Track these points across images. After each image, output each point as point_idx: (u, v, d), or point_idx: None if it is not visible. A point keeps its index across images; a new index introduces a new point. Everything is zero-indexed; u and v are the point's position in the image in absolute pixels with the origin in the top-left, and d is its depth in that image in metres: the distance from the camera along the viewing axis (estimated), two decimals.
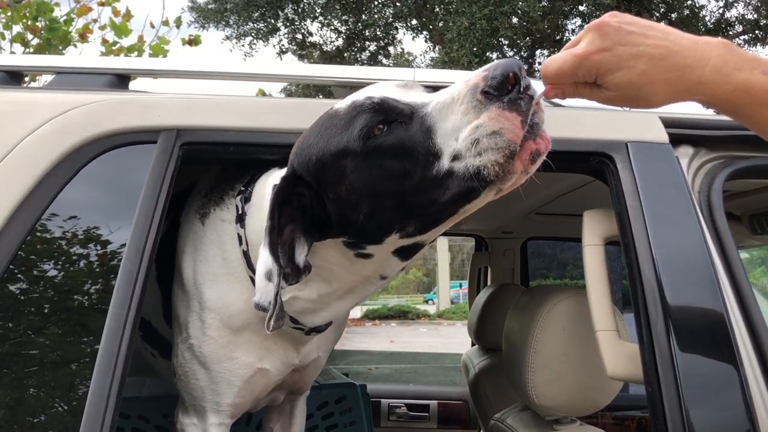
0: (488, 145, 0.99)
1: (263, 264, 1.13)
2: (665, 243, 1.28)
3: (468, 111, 1.01)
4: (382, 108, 1.10)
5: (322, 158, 1.14)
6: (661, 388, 1.17)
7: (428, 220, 1.13)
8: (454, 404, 3.30)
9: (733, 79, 0.93)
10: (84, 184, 1.31)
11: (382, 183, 1.10)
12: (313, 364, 1.61)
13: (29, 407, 1.19)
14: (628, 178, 1.34)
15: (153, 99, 1.41)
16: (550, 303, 1.57)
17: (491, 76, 0.99)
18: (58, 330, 1.24)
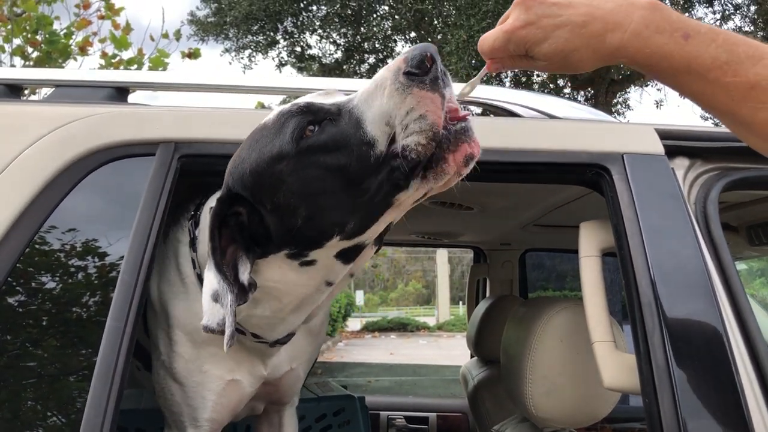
0: (414, 129, 1.02)
1: (209, 286, 1.14)
2: (661, 254, 1.29)
3: (392, 94, 1.03)
4: (310, 110, 1.12)
5: (257, 169, 1.14)
6: (658, 399, 1.17)
7: (365, 216, 1.13)
8: (453, 417, 3.29)
9: (652, 42, 0.94)
10: (82, 197, 1.32)
11: (319, 181, 1.10)
12: (287, 376, 1.62)
13: (27, 420, 1.19)
14: (624, 189, 1.35)
15: (151, 112, 1.42)
16: (547, 314, 1.57)
17: (410, 57, 1.02)
18: (56, 342, 1.24)
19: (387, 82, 1.04)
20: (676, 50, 0.93)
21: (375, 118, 1.06)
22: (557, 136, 1.42)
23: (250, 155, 1.16)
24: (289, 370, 1.62)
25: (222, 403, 1.47)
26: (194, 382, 1.44)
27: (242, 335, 1.40)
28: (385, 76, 1.05)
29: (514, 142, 1.40)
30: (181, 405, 1.46)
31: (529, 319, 1.62)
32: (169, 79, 1.66)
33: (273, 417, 1.79)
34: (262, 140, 1.15)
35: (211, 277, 1.14)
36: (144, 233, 1.25)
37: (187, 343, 1.43)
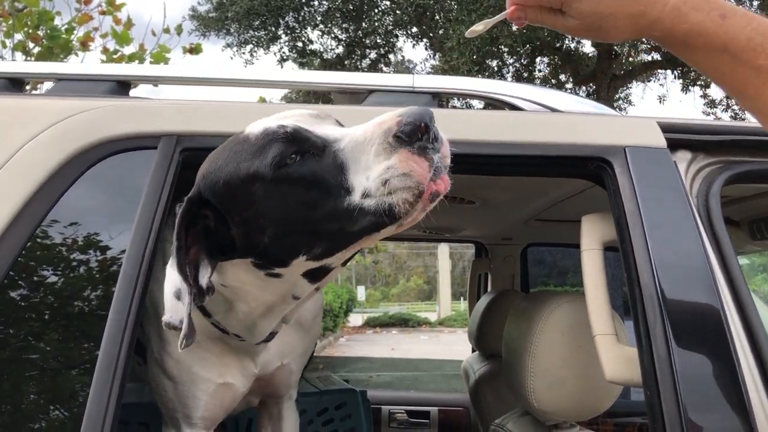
0: (398, 185, 1.03)
1: (171, 284, 1.13)
2: (663, 247, 1.29)
3: (379, 152, 1.05)
4: (295, 138, 1.11)
5: (230, 182, 1.14)
6: (660, 391, 1.17)
7: (334, 246, 1.15)
8: (455, 411, 3.29)
9: (690, 18, 0.93)
10: (84, 190, 1.32)
11: (291, 210, 1.11)
12: (279, 372, 1.63)
13: (29, 413, 1.19)
14: (626, 182, 1.35)
15: (153, 105, 1.41)
16: (548, 308, 1.57)
17: (404, 122, 1.03)
18: (58, 336, 1.25)
19: (376, 140, 1.05)
20: (713, 28, 0.92)
21: (357, 169, 1.07)
22: (559, 130, 1.42)
23: (227, 166, 1.15)
24: (280, 366, 1.62)
25: (214, 403, 1.48)
26: (185, 380, 1.45)
27: (227, 335, 1.41)
28: (375, 132, 1.06)
29: (516, 135, 1.40)
30: (175, 402, 1.47)
31: (531, 312, 1.62)
32: (171, 72, 1.66)
33: (272, 410, 1.80)
34: (241, 154, 1.14)
35: (174, 276, 1.13)
36: (146, 226, 1.26)
37: (176, 343, 1.42)
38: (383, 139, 1.04)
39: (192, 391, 1.45)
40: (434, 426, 3.27)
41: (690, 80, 13.05)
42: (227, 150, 1.18)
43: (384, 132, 1.04)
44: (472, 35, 1.16)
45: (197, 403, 1.46)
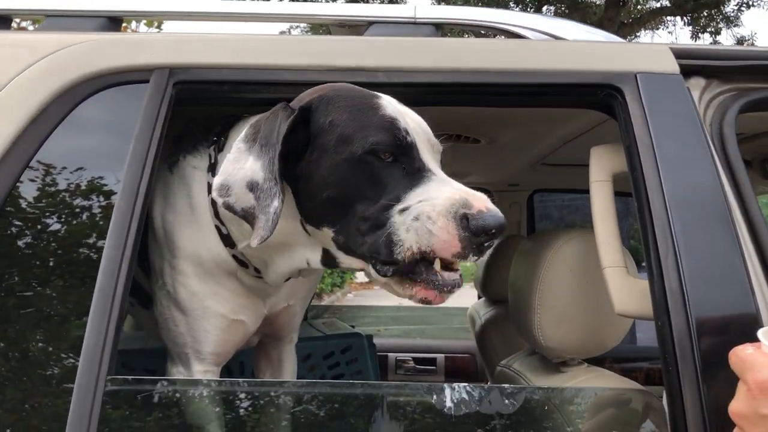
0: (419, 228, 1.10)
1: (247, 171, 1.17)
2: (676, 177, 1.24)
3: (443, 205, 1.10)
4: (405, 149, 1.17)
5: (335, 127, 1.18)
6: (671, 322, 1.13)
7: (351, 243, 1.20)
8: (461, 358, 3.30)
9: None
10: (75, 126, 1.28)
11: (353, 189, 1.17)
12: (285, 312, 1.63)
13: (25, 353, 1.17)
14: (637, 110, 1.29)
15: (144, 37, 1.37)
16: (556, 244, 1.54)
17: (483, 217, 1.09)
18: (52, 274, 1.22)
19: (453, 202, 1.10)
20: None
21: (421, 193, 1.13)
22: (567, 57, 1.36)
23: (343, 114, 1.19)
24: (286, 306, 1.63)
25: (226, 339, 1.47)
26: (197, 314, 1.44)
27: (245, 270, 1.41)
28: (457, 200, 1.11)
29: (522, 62, 1.34)
30: (185, 336, 1.45)
31: (538, 250, 1.59)
32: (164, 6, 1.60)
33: (272, 353, 1.79)
34: (360, 116, 1.18)
35: (256, 168, 1.17)
36: (139, 162, 1.22)
37: (192, 275, 1.42)
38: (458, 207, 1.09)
39: (204, 325, 1.44)
40: (441, 372, 3.28)
41: (700, 27, 12.77)
42: (354, 99, 1.21)
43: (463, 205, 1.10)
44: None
45: (209, 338, 1.45)
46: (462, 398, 1.12)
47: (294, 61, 1.33)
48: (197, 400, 1.20)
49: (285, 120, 1.18)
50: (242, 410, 1.20)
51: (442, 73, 1.34)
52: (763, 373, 0.68)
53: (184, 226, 1.42)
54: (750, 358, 0.70)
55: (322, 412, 1.15)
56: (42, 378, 1.14)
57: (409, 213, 1.12)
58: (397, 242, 1.11)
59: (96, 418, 1.05)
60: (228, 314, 1.45)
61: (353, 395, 1.18)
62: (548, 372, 1.61)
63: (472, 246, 1.10)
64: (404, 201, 1.14)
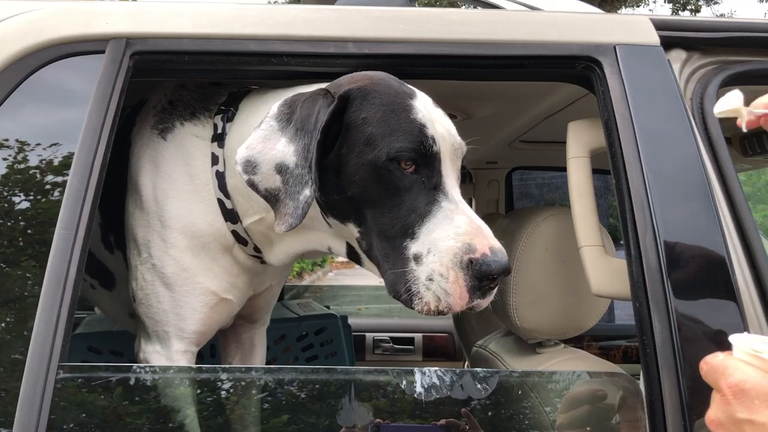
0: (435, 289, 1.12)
1: (280, 154, 1.14)
2: (655, 152, 1.20)
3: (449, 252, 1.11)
4: (429, 159, 1.16)
5: (366, 126, 1.16)
6: (649, 302, 1.10)
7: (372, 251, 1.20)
8: (439, 337, 3.28)
9: None
10: (26, 98, 1.21)
11: (373, 193, 1.16)
12: (266, 293, 1.61)
13: None
14: (616, 83, 1.25)
15: (100, 6, 1.29)
16: (532, 223, 1.50)
17: (486, 262, 1.10)
18: (4, 255, 1.15)
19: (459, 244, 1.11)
20: None
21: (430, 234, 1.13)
22: (543, 28, 1.30)
23: (377, 112, 1.16)
24: (269, 287, 1.60)
25: (212, 317, 1.42)
26: (185, 290, 1.38)
27: (242, 247, 1.38)
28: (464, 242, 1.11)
29: (497, 34, 1.29)
30: (168, 313, 1.39)
31: (514, 229, 1.55)
32: None
33: (243, 337, 1.74)
34: (392, 118, 1.16)
35: (288, 151, 1.14)
36: (94, 136, 1.15)
37: (184, 248, 1.36)
38: (463, 251, 1.10)
39: (191, 302, 1.38)
40: (419, 352, 3.26)
41: (680, 4, 12.77)
42: (391, 97, 1.18)
43: (469, 249, 1.11)
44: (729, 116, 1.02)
45: (195, 316, 1.39)
46: (432, 383, 1.08)
47: (259, 30, 1.27)
48: (161, 386, 1.15)
49: (325, 108, 1.15)
50: (210, 397, 1.15)
51: (414, 44, 1.28)
52: (735, 376, 0.65)
53: (181, 196, 1.36)
54: (721, 364, 0.68)
55: (285, 399, 1.11)
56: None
57: (423, 267, 1.13)
58: (416, 294, 1.14)
59: (47, 406, 1.00)
60: (218, 291, 1.40)
61: (320, 380, 1.14)
62: (524, 353, 1.58)
63: (476, 292, 1.12)
64: (416, 240, 1.14)
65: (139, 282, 1.40)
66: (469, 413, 1.08)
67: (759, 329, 1.10)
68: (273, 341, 2.11)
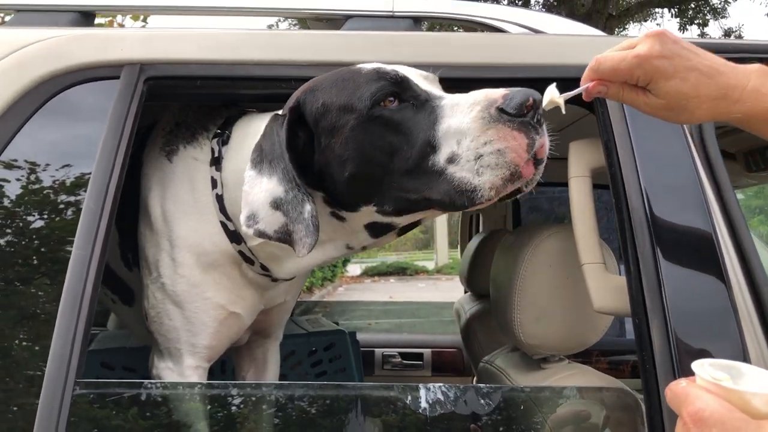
0: (490, 162, 1.02)
1: (266, 192, 1.13)
2: (654, 171, 1.23)
3: (476, 119, 1.04)
4: (402, 84, 1.13)
5: (329, 105, 1.15)
6: (649, 319, 1.12)
7: (404, 206, 1.16)
8: (448, 352, 3.30)
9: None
10: (45, 123, 1.26)
11: (374, 151, 1.12)
12: (279, 308, 1.62)
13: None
14: (615, 104, 1.28)
15: (115, 32, 1.34)
16: (536, 240, 1.52)
17: (511, 96, 1.03)
18: (19, 273, 1.19)
19: (478, 106, 1.04)
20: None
21: (450, 129, 1.07)
22: (545, 51, 1.34)
23: (330, 89, 1.16)
24: (282, 303, 1.61)
25: (222, 331, 1.44)
26: (196, 307, 1.41)
27: (250, 264, 1.40)
28: (478, 98, 1.06)
29: (501, 57, 1.33)
30: (180, 330, 1.42)
31: (518, 246, 1.57)
32: (136, 2, 1.57)
33: (256, 352, 1.76)
34: (347, 82, 1.15)
35: (271, 185, 1.13)
36: (109, 159, 1.19)
37: (193, 266, 1.39)
38: (485, 107, 1.03)
39: (202, 317, 1.41)
40: (428, 367, 3.27)
41: (687, 18, 12.79)
42: (337, 75, 1.19)
43: (488, 102, 1.04)
44: (550, 107, 1.09)
45: (206, 331, 1.42)
46: (437, 398, 1.10)
47: (264, 56, 1.31)
48: (173, 402, 1.18)
49: (280, 127, 1.16)
50: (221, 413, 1.18)
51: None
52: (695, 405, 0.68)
53: (187, 217, 1.39)
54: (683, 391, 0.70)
55: (294, 414, 1.14)
56: (13, 379, 1.12)
57: (463, 157, 1.04)
58: (475, 189, 1.04)
59: (64, 422, 1.03)
60: (227, 305, 1.42)
61: (328, 396, 1.17)
62: (529, 369, 1.60)
63: (528, 130, 1.03)
64: (440, 146, 1.07)
65: (150, 301, 1.43)
66: (478, 429, 1.10)
67: (757, 346, 1.12)
68: (282, 357, 2.13)
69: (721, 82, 0.99)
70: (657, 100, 1.02)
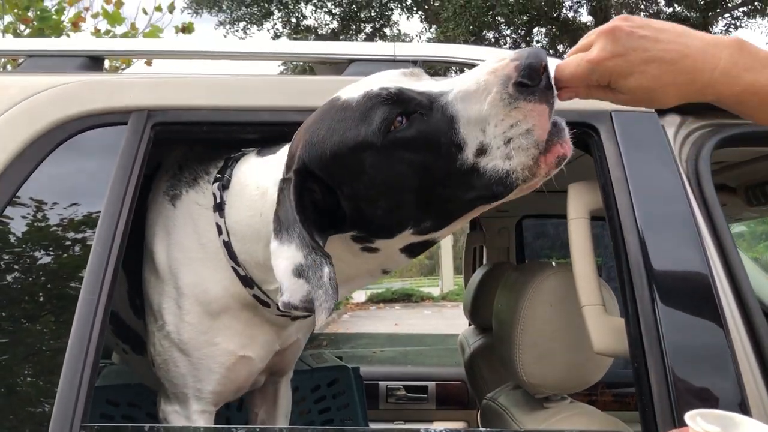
0: (520, 144, 0.98)
1: (288, 260, 1.06)
2: (650, 214, 1.25)
3: (496, 103, 0.98)
4: (400, 99, 1.05)
5: (339, 152, 1.08)
6: (647, 362, 1.13)
7: (446, 217, 1.11)
8: (453, 385, 3.28)
9: (741, 80, 0.94)
10: (54, 168, 1.29)
11: (403, 178, 1.06)
12: (293, 346, 1.60)
13: (1, 394, 1.17)
14: (612, 148, 1.31)
15: (123, 79, 1.38)
16: (537, 279, 1.54)
17: (524, 66, 0.96)
18: (29, 316, 1.21)
19: (493, 88, 0.98)
20: (766, 85, 0.93)
21: (470, 121, 1.01)
22: None
23: (332, 136, 1.08)
24: (296, 340, 1.59)
25: (230, 377, 1.42)
26: (203, 354, 1.38)
27: (266, 307, 1.37)
28: (490, 81, 0.99)
29: None
30: (186, 377, 1.40)
31: (520, 284, 1.59)
32: (144, 47, 1.61)
33: (267, 389, 1.76)
34: (345, 122, 1.08)
35: (291, 252, 1.06)
36: (117, 204, 1.22)
37: (200, 313, 1.37)
38: (502, 88, 0.97)
39: (208, 364, 1.38)
40: (432, 400, 3.26)
41: None
42: (328, 118, 1.11)
43: (503, 80, 0.97)
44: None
45: (211, 376, 1.39)
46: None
47: (272, 101, 1.34)
48: None
49: (289, 193, 1.09)
50: None
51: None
52: None
53: (193, 264, 1.37)
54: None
55: None
56: (17, 417, 1.14)
57: (493, 145, 1.00)
58: (507, 174, 0.99)
59: None
60: (236, 350, 1.39)
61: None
62: (532, 408, 1.61)
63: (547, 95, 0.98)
64: (466, 142, 1.01)
65: (156, 348, 1.42)
66: None
67: (755, 386, 1.13)
68: None
69: (687, 65, 0.94)
70: (623, 96, 0.99)
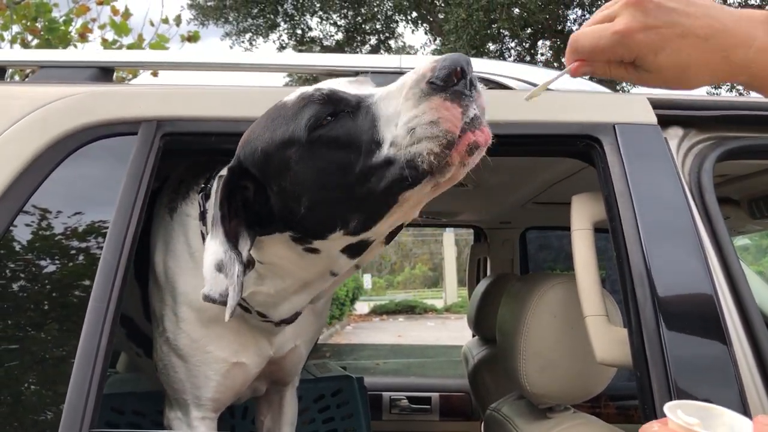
0: (424, 133, 0.99)
1: (212, 255, 1.11)
2: (653, 226, 1.26)
3: (409, 98, 1.00)
4: (331, 99, 1.09)
5: (268, 149, 1.13)
6: (650, 373, 1.14)
7: (370, 214, 1.12)
8: (456, 396, 3.28)
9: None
10: (64, 177, 1.30)
11: (324, 173, 1.09)
12: (291, 354, 1.61)
13: (7, 402, 1.18)
14: (615, 161, 1.32)
15: (133, 90, 1.39)
16: (540, 290, 1.55)
17: (439, 67, 0.98)
18: (37, 324, 1.23)
19: (407, 86, 1.01)
20: None
21: (388, 118, 1.03)
22: (547, 108, 1.39)
23: (264, 133, 1.14)
24: (293, 348, 1.61)
25: (226, 384, 1.46)
26: (198, 360, 1.42)
27: (248, 313, 1.39)
28: (408, 79, 1.02)
29: (504, 114, 1.37)
30: (184, 383, 1.44)
31: (523, 295, 1.60)
32: (153, 58, 1.64)
33: (273, 398, 1.78)
34: (278, 120, 1.13)
35: (215, 246, 1.12)
36: (126, 213, 1.24)
37: (194, 321, 1.41)
38: (416, 85, 1.00)
39: (204, 371, 1.42)
40: (435, 411, 3.26)
41: None
42: (265, 117, 1.17)
43: (417, 78, 1.00)
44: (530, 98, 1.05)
45: (208, 384, 1.43)
46: None
47: None
48: None
49: (219, 187, 1.15)
50: None
51: None
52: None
53: (185, 273, 1.42)
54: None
55: None
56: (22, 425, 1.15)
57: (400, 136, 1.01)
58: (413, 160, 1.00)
59: None
60: (229, 357, 1.43)
61: None
62: (535, 418, 1.61)
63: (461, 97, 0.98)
64: (383, 139, 1.04)
65: (158, 353, 1.47)
66: None
67: (757, 397, 1.14)
68: None
69: (721, 42, 0.85)
70: (649, 75, 0.90)
